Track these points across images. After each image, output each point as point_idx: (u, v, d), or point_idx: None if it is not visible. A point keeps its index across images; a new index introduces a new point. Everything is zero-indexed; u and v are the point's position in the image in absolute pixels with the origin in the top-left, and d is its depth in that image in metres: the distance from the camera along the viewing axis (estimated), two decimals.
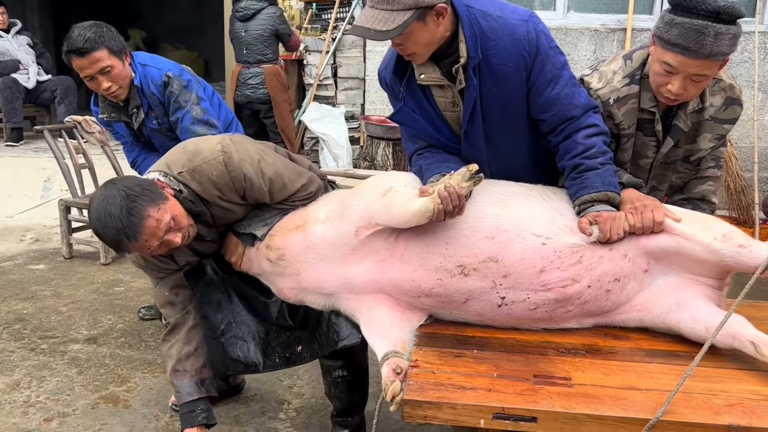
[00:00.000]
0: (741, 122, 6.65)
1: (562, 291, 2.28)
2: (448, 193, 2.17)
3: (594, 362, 2.19)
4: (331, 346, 2.59)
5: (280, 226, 2.61)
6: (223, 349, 2.76)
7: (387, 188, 2.38)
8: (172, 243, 2.38)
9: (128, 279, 4.93)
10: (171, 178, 2.46)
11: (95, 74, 3.21)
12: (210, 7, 12.52)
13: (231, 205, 2.54)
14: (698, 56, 2.29)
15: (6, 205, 6.68)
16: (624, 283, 2.33)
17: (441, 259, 2.32)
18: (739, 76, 6.78)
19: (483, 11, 2.34)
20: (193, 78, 3.48)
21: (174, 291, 2.70)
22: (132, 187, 2.29)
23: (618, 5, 6.97)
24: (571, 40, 6.96)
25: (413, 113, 2.50)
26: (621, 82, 2.56)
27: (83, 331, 4.10)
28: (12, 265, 5.21)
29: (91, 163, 5.54)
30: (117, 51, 3.23)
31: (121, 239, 2.28)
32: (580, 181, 2.38)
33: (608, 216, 2.28)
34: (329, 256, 2.49)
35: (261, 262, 2.64)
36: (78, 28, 3.18)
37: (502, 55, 2.34)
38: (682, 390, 1.93)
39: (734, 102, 2.61)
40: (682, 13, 2.30)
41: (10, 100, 8.24)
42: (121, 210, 2.24)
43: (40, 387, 3.45)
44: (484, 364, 2.16)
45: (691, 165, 2.74)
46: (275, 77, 6.56)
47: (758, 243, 2.24)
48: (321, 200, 2.65)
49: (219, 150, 2.46)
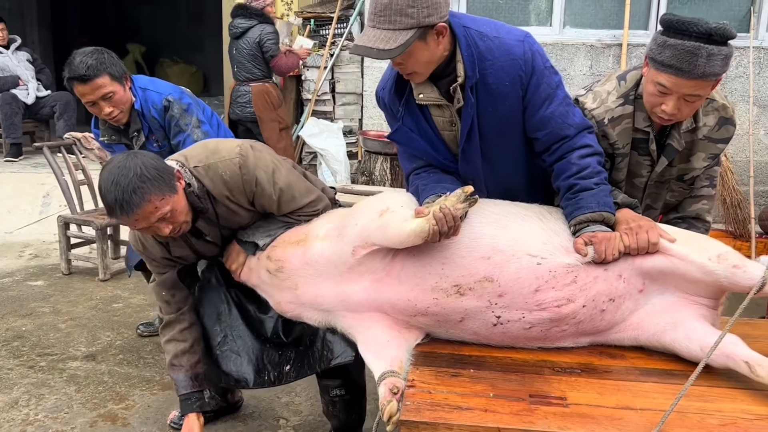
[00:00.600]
0: (737, 136, 6.67)
1: (557, 311, 2.29)
2: (443, 214, 2.20)
3: (589, 381, 2.20)
4: (325, 363, 2.61)
5: (282, 239, 2.65)
6: (217, 361, 2.79)
7: (384, 208, 2.40)
8: (159, 230, 2.43)
9: (126, 295, 4.93)
10: (186, 169, 2.52)
11: (97, 100, 3.25)
12: (209, 21, 12.58)
13: (238, 207, 2.59)
14: (691, 77, 2.31)
15: (5, 221, 6.69)
16: (619, 303, 2.34)
17: (437, 278, 2.34)
18: (734, 90, 6.82)
19: (480, 32, 2.38)
20: (193, 101, 3.52)
21: (171, 292, 2.78)
22: (149, 169, 2.35)
23: (613, 21, 7.00)
24: (567, 55, 6.99)
25: (411, 132, 2.53)
26: (615, 103, 2.59)
27: (82, 348, 4.10)
28: (11, 282, 5.22)
29: (90, 179, 5.55)
30: (118, 76, 3.27)
31: (115, 208, 2.33)
32: (575, 201, 2.40)
33: (603, 237, 2.30)
34: (327, 272, 2.52)
35: (260, 272, 2.67)
36: (79, 54, 3.21)
37: (498, 75, 2.37)
38: (677, 409, 1.95)
39: (727, 122, 2.63)
40: (674, 34, 2.33)
41: (9, 116, 8.27)
42: (128, 184, 2.30)
43: (39, 405, 3.45)
44: (480, 384, 2.17)
45: (686, 184, 2.76)
46: (262, 96, 6.55)
47: (752, 264, 2.25)
48: (322, 217, 2.68)
49: (237, 152, 2.53)
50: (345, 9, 7.76)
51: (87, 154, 5.57)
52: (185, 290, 2.81)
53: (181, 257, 2.74)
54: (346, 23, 7.66)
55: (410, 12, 2.16)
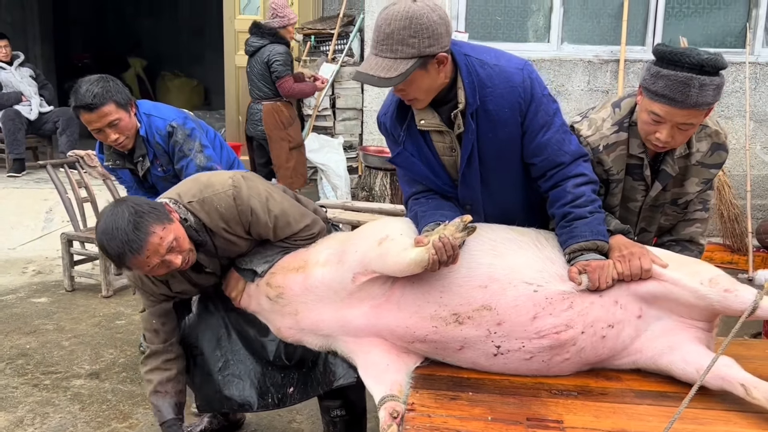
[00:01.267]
0: (734, 151, 6.74)
1: (556, 337, 2.32)
2: (442, 243, 2.24)
3: (586, 404, 2.24)
4: (328, 385, 2.65)
5: (281, 265, 2.68)
6: (219, 387, 2.83)
7: (383, 237, 2.45)
8: (172, 264, 2.46)
9: (129, 312, 4.96)
10: (180, 205, 2.57)
11: (103, 127, 3.31)
12: (210, 35, 12.64)
13: (235, 238, 2.63)
14: (684, 106, 2.37)
15: (8, 237, 6.72)
16: (619, 329, 2.37)
17: (436, 307, 2.38)
18: (730, 105, 6.87)
19: (480, 59, 2.44)
20: (196, 125, 3.57)
21: (161, 320, 2.80)
22: (141, 205, 2.42)
23: (611, 37, 7.06)
24: (565, 71, 7.04)
25: (412, 157, 2.57)
26: (610, 130, 2.63)
27: (85, 366, 4.14)
28: (14, 299, 5.26)
29: (93, 196, 5.60)
30: (123, 104, 3.33)
31: (125, 252, 2.36)
32: (569, 230, 2.45)
33: (597, 265, 2.34)
34: (328, 298, 2.56)
35: (260, 299, 2.71)
36: (85, 83, 3.27)
37: (498, 101, 2.42)
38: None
39: (720, 147, 2.69)
40: (667, 65, 2.39)
41: (12, 132, 8.32)
42: (128, 224, 2.34)
43: (44, 424, 3.48)
44: (478, 407, 2.21)
45: (679, 208, 2.81)
46: (272, 115, 6.52)
47: (743, 287, 2.29)
48: (322, 242, 2.73)
49: (230, 184, 2.57)
50: (345, 26, 7.83)
51: (90, 171, 5.64)
52: (175, 321, 2.85)
53: (181, 292, 2.79)
54: (346, 39, 7.72)
55: (412, 42, 2.22)
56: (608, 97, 6.88)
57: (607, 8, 7.05)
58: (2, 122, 8.38)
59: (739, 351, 2.57)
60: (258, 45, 6.42)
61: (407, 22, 2.21)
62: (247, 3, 8.18)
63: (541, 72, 6.88)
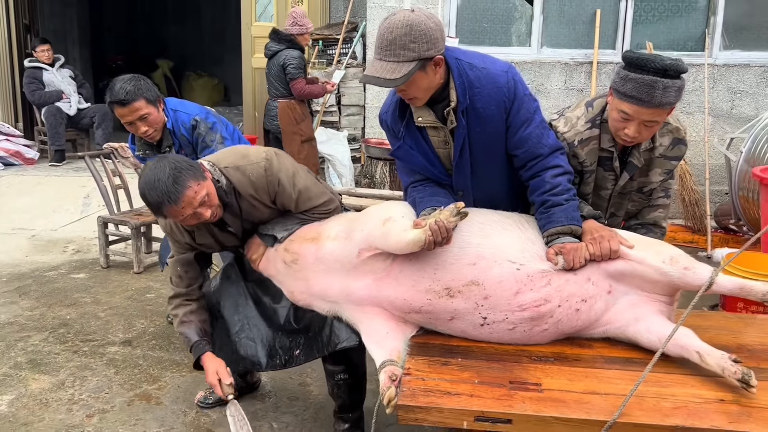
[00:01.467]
0: (694, 143, 6.74)
1: (536, 310, 2.33)
2: (438, 226, 2.25)
3: (561, 369, 2.24)
4: (332, 347, 2.65)
5: (298, 234, 2.70)
6: (235, 347, 2.84)
7: (387, 218, 2.46)
8: (202, 216, 2.51)
9: (158, 286, 4.96)
10: (216, 168, 2.62)
11: (134, 120, 3.31)
12: (229, 39, 12.57)
13: (260, 204, 2.67)
14: (650, 106, 2.38)
15: (51, 220, 6.71)
16: (591, 303, 2.37)
17: (430, 282, 2.38)
18: (691, 102, 6.85)
19: (470, 63, 2.44)
20: (217, 120, 3.57)
21: (184, 268, 2.84)
22: (180, 162, 2.48)
23: (585, 41, 7.01)
24: (545, 72, 7.01)
25: (411, 150, 2.57)
26: (584, 126, 2.63)
27: (119, 334, 4.14)
28: (56, 275, 5.25)
29: (126, 183, 5.59)
30: (153, 100, 3.33)
31: (163, 201, 2.41)
32: (547, 215, 2.46)
33: (571, 247, 2.35)
34: (335, 269, 2.56)
35: (277, 263, 2.71)
36: (119, 81, 3.28)
37: (485, 100, 2.43)
38: (636, 394, 1.98)
39: (680, 142, 2.69)
40: (635, 69, 2.39)
41: (54, 126, 8.31)
42: (168, 177, 2.40)
43: (83, 386, 3.49)
44: (467, 372, 2.21)
45: (644, 195, 2.80)
46: (286, 111, 6.48)
47: (701, 265, 2.30)
48: (334, 219, 2.73)
49: (263, 157, 2.63)
50: (349, 31, 7.78)
51: (123, 161, 5.63)
52: (198, 270, 2.88)
53: (204, 245, 2.79)
54: (351, 44, 7.68)
55: (412, 47, 2.23)
56: (583, 96, 6.88)
57: (582, 16, 7.02)
58: (45, 117, 8.38)
59: (698, 322, 2.56)
60: (276, 49, 6.39)
61: (408, 29, 2.22)
62: (263, 11, 8.14)
63: (522, 73, 6.85)
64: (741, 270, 3.72)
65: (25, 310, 4.51)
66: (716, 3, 6.84)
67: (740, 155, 5.69)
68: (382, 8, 7.12)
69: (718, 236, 6.26)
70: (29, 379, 3.55)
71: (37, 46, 8.42)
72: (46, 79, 8.39)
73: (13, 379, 3.54)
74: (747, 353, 2.34)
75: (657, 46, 6.84)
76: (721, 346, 2.25)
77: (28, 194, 7.26)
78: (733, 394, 2.04)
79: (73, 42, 12.11)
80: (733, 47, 6.95)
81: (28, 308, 4.53)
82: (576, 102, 2.78)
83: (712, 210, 6.39)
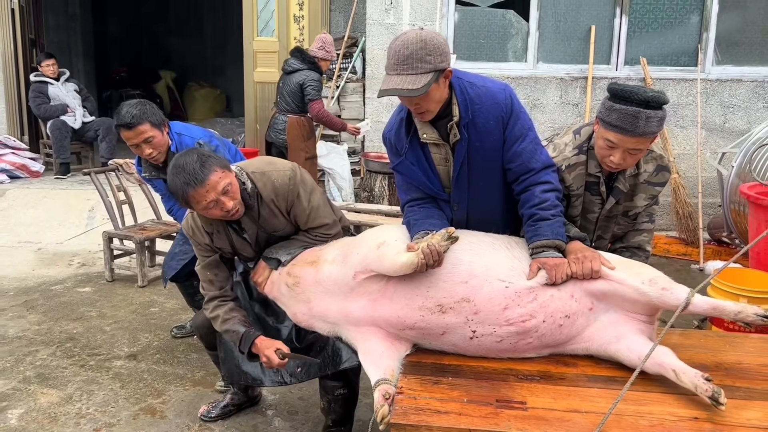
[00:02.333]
0: (687, 156, 6.86)
1: (522, 325, 2.45)
2: (429, 250, 2.39)
3: (546, 387, 2.34)
4: (335, 366, 2.78)
5: (299, 258, 2.84)
6: (239, 362, 2.94)
7: (381, 242, 2.59)
8: (225, 205, 2.65)
9: (162, 300, 5.08)
10: (243, 172, 2.78)
11: (140, 143, 3.45)
12: (231, 50, 12.72)
13: (278, 211, 2.82)
14: (633, 135, 2.53)
15: (56, 233, 6.83)
16: (573, 319, 2.49)
17: (423, 299, 2.50)
18: (684, 117, 6.96)
19: (470, 82, 2.61)
20: (220, 143, 3.71)
21: (213, 271, 2.93)
22: (207, 152, 2.68)
23: (580, 57, 7.13)
24: (541, 87, 7.13)
25: (412, 165, 2.71)
26: (571, 152, 2.78)
27: (125, 348, 4.25)
28: (62, 288, 5.37)
29: (130, 198, 5.72)
30: (157, 123, 3.47)
31: (189, 182, 2.57)
32: (534, 228, 2.59)
33: (553, 263, 2.49)
34: (333, 291, 2.69)
35: (281, 286, 2.84)
36: (126, 106, 3.43)
37: (485, 116, 2.58)
38: (616, 412, 2.09)
39: (663, 168, 2.84)
40: (619, 101, 2.54)
41: (59, 139, 8.43)
42: (195, 161, 2.59)
43: (90, 400, 3.59)
44: (456, 390, 2.32)
45: (630, 219, 2.94)
46: (296, 127, 6.52)
47: (679, 287, 2.41)
48: (333, 244, 2.87)
49: (290, 168, 2.83)
50: (349, 47, 7.92)
51: (127, 177, 5.76)
52: (227, 272, 2.97)
53: (221, 248, 2.90)
54: (350, 59, 7.81)
55: (428, 59, 2.38)
56: (578, 110, 6.99)
57: (577, 32, 7.14)
58: (50, 131, 8.49)
59: (679, 340, 2.69)
60: (296, 67, 6.44)
61: (422, 44, 2.38)
62: (264, 26, 8.25)
63: (519, 88, 7.00)
64: (729, 286, 3.81)
65: (32, 324, 4.62)
66: (708, 19, 6.96)
67: (731, 170, 5.81)
68: (381, 25, 7.25)
69: (711, 248, 6.36)
70: (38, 393, 3.66)
71: (43, 60, 8.55)
72: (52, 93, 8.51)
73: (23, 393, 3.65)
74: (724, 371, 2.45)
75: (651, 62, 6.96)
76: (700, 364, 2.39)
77: (33, 207, 7.38)
78: (707, 413, 2.15)
79: (77, 54, 12.26)
80: (726, 62, 7.07)
81: (35, 322, 4.65)
82: (564, 130, 2.91)
83: (705, 222, 6.49)
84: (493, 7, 7.24)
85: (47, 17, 10.36)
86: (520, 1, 7.21)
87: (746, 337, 2.87)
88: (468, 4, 7.25)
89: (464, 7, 7.26)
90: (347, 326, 2.70)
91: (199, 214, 2.78)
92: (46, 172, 8.72)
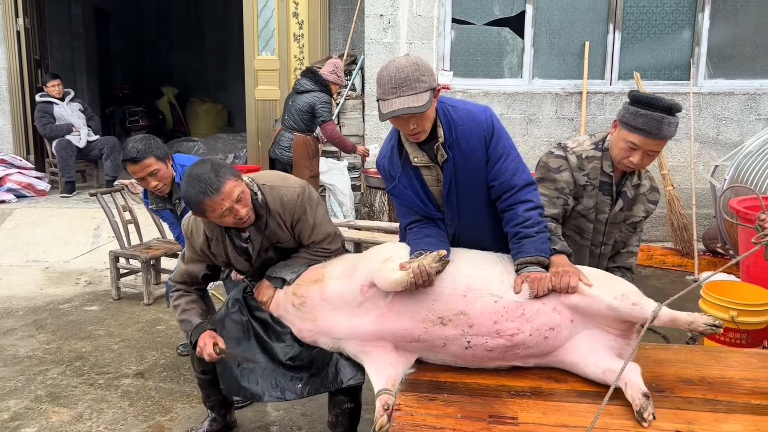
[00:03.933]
0: (681, 167, 6.97)
1: (510, 338, 2.58)
2: (419, 271, 2.52)
3: (537, 403, 2.44)
4: (338, 384, 2.87)
5: (303, 278, 2.95)
6: (237, 377, 3.00)
7: (388, 257, 2.72)
8: (238, 212, 2.78)
9: (167, 318, 5.18)
10: (254, 183, 2.92)
11: (145, 176, 3.60)
12: (232, 66, 12.89)
13: (282, 224, 2.94)
14: (657, 138, 2.86)
15: (63, 251, 6.96)
16: (558, 331, 2.60)
17: (427, 312, 2.63)
18: (678, 129, 7.03)
19: (452, 105, 2.76)
20: None
21: (189, 275, 3.12)
22: (221, 163, 2.81)
23: (575, 72, 7.27)
24: (536, 102, 7.25)
25: (405, 189, 2.83)
26: (589, 146, 3.11)
27: (132, 366, 4.35)
28: (70, 307, 5.49)
29: (136, 218, 5.85)
30: (162, 157, 3.62)
31: (205, 190, 2.70)
32: (518, 246, 2.73)
33: (535, 276, 2.62)
34: (341, 307, 2.80)
35: (287, 305, 2.95)
36: (131, 141, 3.60)
37: (467, 136, 2.71)
38: (602, 426, 2.20)
39: (655, 189, 3.19)
40: (644, 107, 2.86)
41: (64, 158, 8.58)
42: (210, 171, 2.73)
43: (100, 418, 3.69)
44: (451, 407, 2.42)
45: (630, 227, 3.22)
46: (302, 145, 6.63)
47: (648, 301, 2.51)
48: (336, 261, 3.00)
49: (300, 185, 2.98)
50: (349, 65, 8.06)
51: (133, 197, 5.88)
52: (203, 285, 3.19)
53: (215, 254, 3.03)
54: (350, 76, 7.94)
55: (423, 78, 2.53)
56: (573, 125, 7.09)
57: (571, 48, 7.28)
58: (56, 150, 8.64)
59: (665, 355, 2.80)
60: (308, 87, 6.59)
61: (416, 66, 2.53)
62: (265, 45, 8.40)
63: (514, 103, 7.13)
64: (719, 299, 3.89)
65: (42, 343, 4.73)
66: (700, 34, 7.09)
67: (724, 182, 5.92)
68: (379, 44, 7.39)
69: (705, 259, 6.46)
70: (50, 412, 3.77)
71: (48, 81, 8.70)
72: (57, 113, 8.67)
73: (35, 412, 3.76)
74: (707, 385, 2.55)
75: (644, 76, 7.08)
76: (686, 379, 2.51)
77: (40, 226, 7.51)
78: (689, 426, 2.26)
79: (81, 72, 12.42)
80: (718, 76, 7.20)
81: (45, 341, 4.76)
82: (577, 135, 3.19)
83: (699, 233, 6.59)
84: (488, 25, 7.39)
85: (52, 37, 10.52)
86: (515, 19, 7.35)
87: (731, 351, 2.98)
88: (464, 23, 7.39)
89: (460, 25, 7.40)
90: (353, 341, 2.81)
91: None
92: (51, 191, 8.86)
